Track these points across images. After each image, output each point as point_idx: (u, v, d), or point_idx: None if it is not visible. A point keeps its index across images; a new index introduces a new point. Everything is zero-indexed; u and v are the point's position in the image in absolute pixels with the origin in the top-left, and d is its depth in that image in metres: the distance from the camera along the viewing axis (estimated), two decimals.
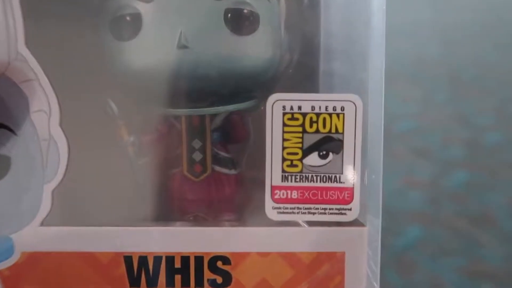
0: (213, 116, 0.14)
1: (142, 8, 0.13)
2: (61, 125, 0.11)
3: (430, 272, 0.91)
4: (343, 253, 0.11)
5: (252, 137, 0.14)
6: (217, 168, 0.14)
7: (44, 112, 0.11)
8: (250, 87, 0.14)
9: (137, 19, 0.13)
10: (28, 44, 0.11)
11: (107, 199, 0.12)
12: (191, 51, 0.13)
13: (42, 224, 0.11)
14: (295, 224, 0.12)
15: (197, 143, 0.14)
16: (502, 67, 1.86)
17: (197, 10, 0.13)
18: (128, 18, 0.13)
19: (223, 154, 0.14)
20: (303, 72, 0.13)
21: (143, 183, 0.13)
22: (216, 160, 0.14)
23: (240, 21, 0.13)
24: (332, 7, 0.12)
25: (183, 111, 0.13)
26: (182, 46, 0.12)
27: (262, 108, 0.12)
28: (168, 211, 0.14)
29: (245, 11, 0.13)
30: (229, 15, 0.13)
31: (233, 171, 0.14)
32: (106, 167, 0.13)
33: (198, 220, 0.14)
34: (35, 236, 0.11)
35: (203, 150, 0.14)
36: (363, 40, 0.12)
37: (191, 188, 0.14)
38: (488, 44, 2.12)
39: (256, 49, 0.13)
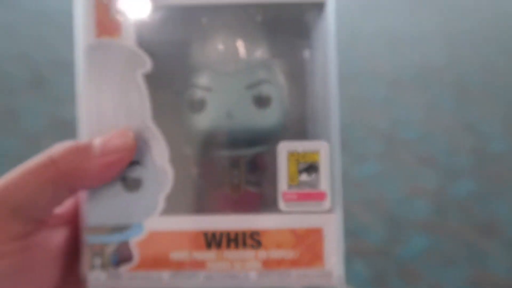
0: (244, 155, 0.23)
1: (206, 95, 0.22)
2: (169, 161, 0.21)
3: (436, 282, 0.90)
4: (322, 228, 0.21)
5: (269, 167, 0.24)
6: (249, 189, 0.23)
7: (160, 155, 0.21)
8: (266, 139, 0.23)
9: (203, 101, 0.22)
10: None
11: (189, 199, 0.22)
12: (235, 120, 0.23)
13: (159, 215, 0.21)
14: (295, 212, 0.21)
15: (235, 172, 0.23)
16: (508, 75, 1.87)
17: (237, 96, 0.23)
18: (197, 100, 0.22)
19: (251, 179, 0.23)
20: (295, 129, 0.23)
21: (203, 196, 0.23)
22: (248, 183, 0.23)
23: (260, 102, 0.23)
24: (310, 93, 0.23)
25: (227, 153, 0.23)
26: (230, 117, 0.22)
27: (273, 149, 0.22)
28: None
29: (263, 96, 0.23)
30: (254, 99, 0.23)
31: (257, 190, 0.23)
32: (186, 183, 0.22)
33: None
34: (155, 221, 0.21)
35: (239, 177, 0.23)
36: (326, 110, 0.22)
37: (232, 202, 0.23)
38: (494, 52, 2.13)
39: (270, 117, 0.23)
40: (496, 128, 1.46)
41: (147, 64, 0.21)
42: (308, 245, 0.21)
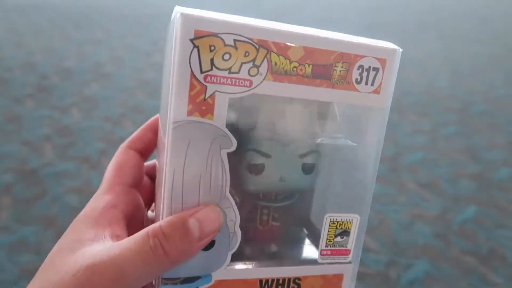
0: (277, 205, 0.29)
1: (265, 161, 0.27)
2: (239, 227, 0.25)
3: None
4: (343, 274, 0.28)
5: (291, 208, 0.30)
6: (273, 223, 0.29)
7: (232, 221, 0.25)
8: (299, 193, 0.29)
9: (262, 166, 0.27)
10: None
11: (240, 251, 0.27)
12: (286, 183, 0.27)
13: (225, 267, 0.25)
14: (327, 263, 0.28)
15: (265, 211, 0.29)
16: (511, 102, 1.89)
17: (290, 163, 0.27)
18: (257, 165, 0.27)
19: (276, 215, 0.29)
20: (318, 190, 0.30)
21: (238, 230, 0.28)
22: (273, 219, 0.29)
23: (307, 169, 0.28)
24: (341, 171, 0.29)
25: (266, 204, 0.29)
26: (282, 180, 0.27)
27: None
28: (244, 242, 0.27)
29: (311, 164, 0.28)
30: (303, 166, 0.27)
31: (278, 223, 0.29)
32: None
33: (256, 249, 0.29)
34: (222, 272, 0.25)
35: (268, 215, 0.29)
36: (361, 187, 0.27)
37: (259, 232, 0.29)
38: (497, 78, 2.17)
39: (311, 180, 0.28)
40: (498, 154, 1.47)
41: (233, 145, 0.23)
42: (331, 285, 0.27)
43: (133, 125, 1.60)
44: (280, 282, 0.26)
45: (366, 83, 0.24)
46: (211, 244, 0.24)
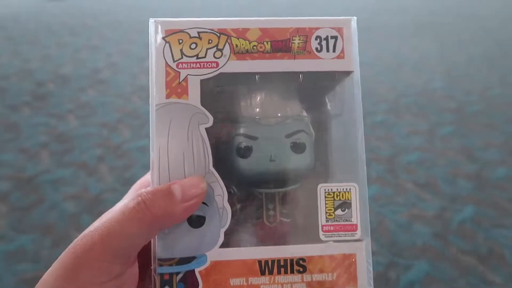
0: (279, 192, 0.28)
1: (252, 143, 0.27)
2: (228, 201, 0.25)
3: None
4: (355, 254, 0.26)
5: (299, 201, 0.28)
6: (282, 219, 0.28)
7: (220, 195, 0.25)
8: (298, 178, 0.28)
9: (249, 148, 0.27)
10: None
11: (236, 235, 0.27)
12: (276, 163, 0.27)
13: (220, 247, 0.25)
14: (332, 241, 0.26)
15: (271, 206, 0.28)
16: (507, 101, 1.90)
17: (278, 143, 0.27)
18: (245, 148, 0.27)
19: (284, 211, 0.28)
20: (319, 172, 0.29)
21: (243, 226, 0.28)
22: (281, 214, 0.28)
23: (297, 148, 0.27)
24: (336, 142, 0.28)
25: (265, 191, 0.28)
26: (271, 161, 0.27)
27: (302, 186, 0.28)
28: (254, 242, 0.28)
29: (299, 143, 0.27)
30: (292, 145, 0.27)
31: (289, 220, 0.28)
32: (237, 219, 0.27)
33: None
34: (217, 253, 0.25)
35: (274, 209, 0.28)
36: (355, 158, 0.27)
37: (268, 230, 0.28)
38: (493, 78, 2.18)
39: (304, 161, 0.28)
40: (495, 154, 1.48)
41: (210, 121, 0.25)
42: (344, 268, 0.25)
43: (130, 131, 1.60)
44: (282, 263, 0.25)
45: (328, 50, 0.26)
46: (201, 221, 0.25)
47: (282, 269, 0.25)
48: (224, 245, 0.25)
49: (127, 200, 0.24)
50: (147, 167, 0.26)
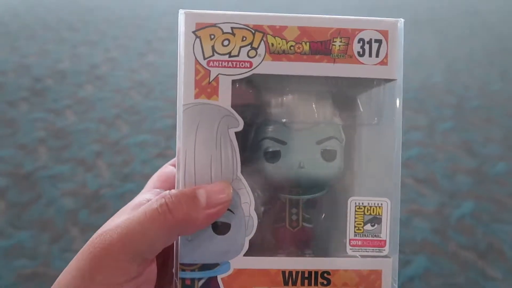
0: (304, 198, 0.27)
1: (281, 148, 0.26)
2: (254, 209, 0.25)
3: None
4: (381, 270, 0.25)
5: (323, 207, 0.28)
6: (304, 224, 0.27)
7: (247, 203, 0.25)
8: (325, 185, 0.27)
9: (278, 153, 0.26)
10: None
11: (258, 239, 0.26)
12: (305, 170, 0.26)
13: (243, 255, 0.24)
14: (359, 256, 0.25)
15: (294, 210, 0.27)
16: (507, 96, 1.89)
17: (308, 150, 0.26)
18: (273, 152, 0.26)
19: (307, 216, 0.28)
20: (347, 179, 0.28)
21: (266, 230, 0.27)
22: (304, 219, 0.27)
23: (328, 156, 0.26)
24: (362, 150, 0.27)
25: (291, 196, 0.27)
26: (300, 167, 0.26)
27: (327, 193, 0.27)
28: (276, 246, 0.27)
29: (331, 150, 0.26)
30: (322, 152, 0.26)
31: (311, 225, 0.28)
32: (262, 229, 0.26)
33: (292, 253, 0.27)
34: (241, 261, 0.24)
35: (297, 214, 0.27)
36: (390, 172, 0.26)
37: (290, 235, 0.27)
38: (492, 72, 2.17)
39: (334, 168, 0.27)
40: (495, 149, 1.47)
41: (240, 125, 0.24)
42: (368, 283, 0.25)
43: (129, 126, 1.59)
44: (306, 275, 0.24)
45: (370, 55, 0.25)
46: (226, 228, 0.24)
47: (306, 281, 0.25)
48: (247, 249, 0.24)
49: (148, 196, 0.24)
50: (146, 163, 0.25)
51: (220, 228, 0.24)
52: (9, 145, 1.45)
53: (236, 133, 0.24)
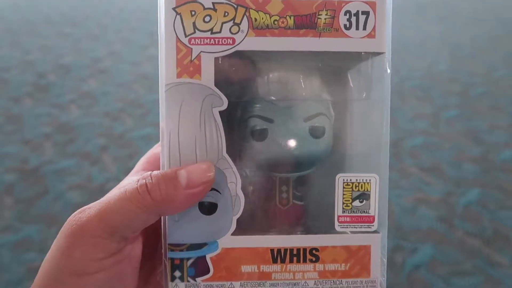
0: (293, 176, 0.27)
1: (267, 125, 0.26)
2: (241, 189, 0.24)
3: None
4: (369, 245, 0.25)
5: (313, 184, 0.27)
6: (295, 201, 0.27)
7: (233, 183, 0.24)
8: (314, 162, 0.27)
9: (265, 131, 0.26)
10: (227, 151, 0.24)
11: (249, 218, 0.26)
12: (293, 148, 0.25)
13: (231, 234, 0.24)
14: (348, 232, 0.25)
15: (284, 188, 0.27)
16: (511, 84, 1.87)
17: (295, 127, 0.26)
18: (261, 130, 0.26)
19: (297, 194, 0.27)
20: (337, 156, 0.27)
21: (256, 209, 0.27)
22: (294, 197, 0.27)
23: (316, 133, 0.26)
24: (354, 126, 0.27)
25: (279, 175, 0.27)
26: (288, 145, 0.25)
27: (317, 170, 0.26)
28: (267, 225, 0.27)
29: (319, 127, 0.26)
30: (311, 129, 0.26)
31: (302, 203, 0.27)
32: (247, 208, 0.25)
33: (282, 231, 0.27)
34: (228, 240, 0.24)
35: (287, 192, 0.27)
36: (378, 147, 0.25)
37: (280, 213, 0.27)
38: (497, 59, 2.15)
39: (323, 145, 0.26)
40: (500, 136, 1.46)
41: (225, 104, 0.23)
42: (357, 259, 0.25)
43: (133, 120, 1.59)
44: (295, 252, 0.24)
45: (357, 28, 0.24)
46: (213, 208, 0.24)
47: (295, 258, 0.24)
48: (236, 228, 0.24)
49: (136, 178, 0.24)
50: None
51: (207, 208, 0.24)
52: (14, 141, 1.46)
53: (221, 112, 0.24)
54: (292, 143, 0.25)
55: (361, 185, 0.24)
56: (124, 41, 2.56)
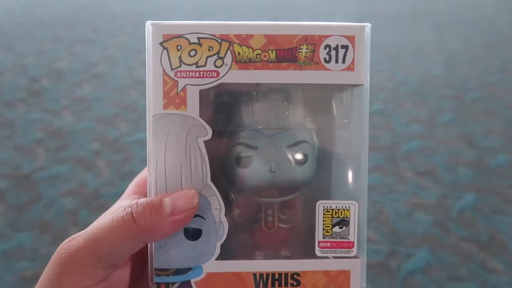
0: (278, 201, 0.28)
1: (252, 153, 0.27)
2: (225, 215, 0.25)
3: None
4: (349, 270, 0.26)
5: (297, 208, 0.28)
6: (280, 225, 0.28)
7: (217, 209, 0.25)
8: (298, 188, 0.28)
9: (250, 158, 0.26)
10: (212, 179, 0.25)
11: (234, 244, 0.26)
12: (276, 174, 0.26)
13: (215, 259, 0.25)
14: (328, 257, 0.26)
15: (270, 212, 0.28)
16: (507, 87, 1.89)
17: (279, 154, 0.27)
18: (245, 157, 0.26)
19: (283, 217, 0.28)
20: (321, 181, 0.28)
21: (242, 232, 0.28)
22: (279, 220, 0.28)
23: (299, 159, 0.27)
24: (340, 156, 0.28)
25: (264, 200, 0.28)
26: (271, 172, 0.26)
27: (301, 194, 0.28)
28: (253, 248, 0.28)
29: (302, 154, 0.27)
30: (294, 156, 0.27)
31: (288, 226, 0.28)
32: (233, 232, 0.26)
33: (268, 255, 0.28)
34: (212, 265, 0.25)
35: (273, 215, 0.28)
36: (358, 176, 0.26)
37: (266, 236, 0.28)
38: (492, 64, 2.16)
39: (306, 172, 0.27)
40: (495, 140, 1.47)
41: (209, 134, 0.25)
42: (337, 284, 0.26)
43: (127, 125, 1.58)
44: (277, 277, 0.25)
45: (337, 61, 0.25)
46: (198, 234, 0.25)
47: (276, 283, 0.25)
48: (222, 252, 0.25)
49: (126, 203, 0.25)
50: (145, 161, 0.26)
51: (192, 234, 0.25)
52: (7, 147, 1.45)
53: (207, 140, 0.25)
54: (275, 169, 0.26)
55: (341, 211, 0.25)
56: (119, 46, 2.55)
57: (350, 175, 0.26)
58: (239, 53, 0.24)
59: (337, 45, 0.25)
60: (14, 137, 1.51)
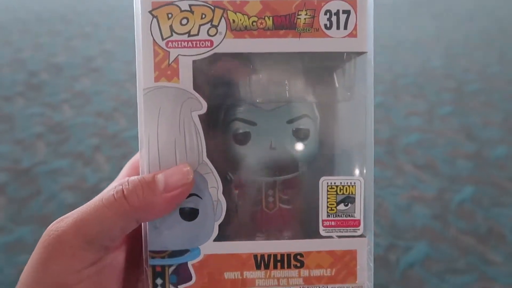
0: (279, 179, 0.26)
1: (250, 129, 0.25)
2: (222, 193, 0.24)
3: None
4: (355, 250, 0.24)
5: (299, 188, 0.27)
6: (282, 205, 0.26)
7: (214, 187, 0.24)
8: (300, 165, 0.26)
9: (248, 134, 0.25)
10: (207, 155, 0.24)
11: (233, 226, 0.25)
12: (276, 151, 0.25)
13: (213, 240, 0.24)
14: (333, 237, 0.24)
15: (270, 192, 0.26)
16: (506, 79, 1.88)
17: (278, 129, 0.25)
18: (243, 133, 0.25)
19: (284, 197, 0.27)
20: (324, 158, 0.27)
21: (242, 214, 0.26)
22: (281, 200, 0.26)
23: (300, 135, 0.25)
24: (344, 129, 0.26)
25: (264, 179, 0.26)
26: (271, 149, 0.25)
27: (304, 173, 0.26)
28: (254, 229, 0.26)
29: (303, 129, 0.25)
30: (294, 132, 0.25)
31: (289, 206, 0.27)
32: (232, 213, 0.25)
33: (270, 237, 0.26)
34: (210, 246, 0.24)
35: (274, 196, 0.26)
36: (363, 150, 0.24)
37: (267, 217, 0.26)
38: (491, 55, 2.16)
39: (308, 148, 0.26)
40: (494, 132, 1.47)
41: (204, 107, 0.23)
42: (343, 264, 0.24)
43: (126, 119, 1.58)
44: (279, 258, 0.24)
45: (338, 27, 0.23)
46: (194, 214, 0.23)
47: (279, 264, 0.24)
48: (221, 234, 0.24)
49: (112, 185, 0.23)
50: None
51: (188, 214, 0.23)
52: (6, 141, 1.45)
53: (203, 115, 0.23)
54: (275, 145, 0.25)
55: (346, 188, 0.24)
56: (117, 40, 2.54)
57: (354, 150, 0.25)
58: (233, 21, 0.23)
59: (338, 10, 0.23)
60: (14, 131, 1.51)
